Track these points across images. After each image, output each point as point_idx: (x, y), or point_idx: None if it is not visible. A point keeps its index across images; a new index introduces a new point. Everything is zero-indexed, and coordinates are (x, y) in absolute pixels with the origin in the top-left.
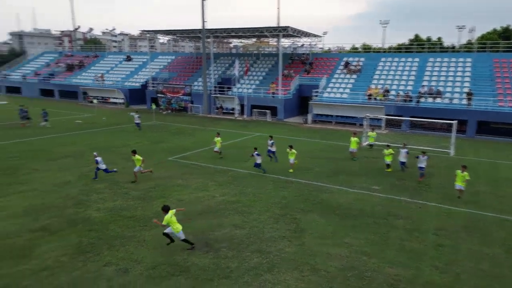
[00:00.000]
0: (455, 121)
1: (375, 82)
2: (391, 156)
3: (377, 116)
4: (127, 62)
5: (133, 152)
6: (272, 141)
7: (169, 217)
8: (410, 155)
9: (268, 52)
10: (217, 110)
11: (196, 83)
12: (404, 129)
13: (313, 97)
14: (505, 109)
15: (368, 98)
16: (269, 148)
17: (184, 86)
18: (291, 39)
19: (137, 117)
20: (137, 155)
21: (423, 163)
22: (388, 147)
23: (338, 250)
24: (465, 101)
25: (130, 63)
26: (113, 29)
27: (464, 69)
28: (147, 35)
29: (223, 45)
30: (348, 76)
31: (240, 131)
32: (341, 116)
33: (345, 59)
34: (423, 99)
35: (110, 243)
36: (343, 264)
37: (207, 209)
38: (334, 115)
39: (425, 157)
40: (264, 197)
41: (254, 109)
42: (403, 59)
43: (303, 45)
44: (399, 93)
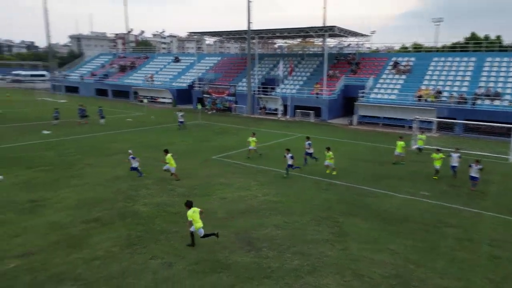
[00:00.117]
0: None
1: (426, 82)
2: (440, 161)
3: (427, 119)
4: (175, 63)
5: (165, 151)
6: (309, 142)
7: (190, 213)
8: (463, 160)
9: (313, 52)
10: (260, 111)
11: (240, 83)
12: (457, 133)
13: (359, 98)
14: None
15: (418, 99)
16: (306, 150)
17: (229, 87)
18: (337, 38)
19: (180, 116)
20: (169, 154)
21: (476, 173)
22: (438, 151)
23: (382, 256)
24: None
25: (178, 64)
26: (163, 31)
27: None
28: (194, 36)
29: (268, 45)
30: (397, 77)
31: (282, 131)
32: (389, 118)
33: (394, 58)
34: (479, 101)
35: (156, 237)
36: (387, 271)
37: (249, 208)
38: (381, 117)
39: (478, 166)
40: (306, 198)
41: (297, 110)
42: (457, 59)
43: (349, 44)
44: (453, 94)
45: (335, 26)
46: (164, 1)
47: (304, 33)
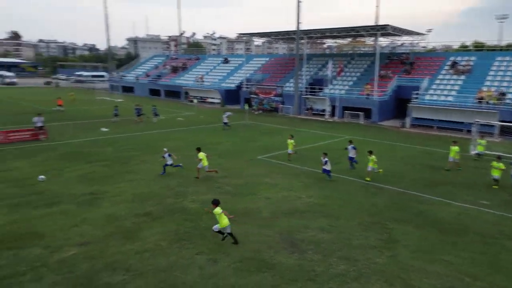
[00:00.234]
0: None
1: (488, 83)
2: (499, 171)
3: (489, 122)
4: (224, 64)
5: (197, 149)
6: (352, 146)
7: (218, 211)
8: None
9: (364, 52)
10: (307, 111)
11: (287, 84)
12: None
13: (413, 99)
14: None
15: (478, 101)
16: (349, 155)
17: (276, 87)
18: (390, 38)
19: (225, 117)
20: (201, 152)
21: None
22: (499, 159)
23: (436, 267)
24: None
25: (227, 65)
26: (213, 33)
27: None
28: (244, 38)
29: (317, 45)
30: (455, 77)
31: (329, 133)
32: (445, 121)
33: (452, 58)
34: None
35: (203, 233)
36: (441, 283)
37: (293, 209)
38: (436, 120)
39: None
40: (353, 202)
41: (346, 111)
42: None
43: (403, 44)
44: None
45: (388, 25)
46: (215, 4)
47: (355, 32)
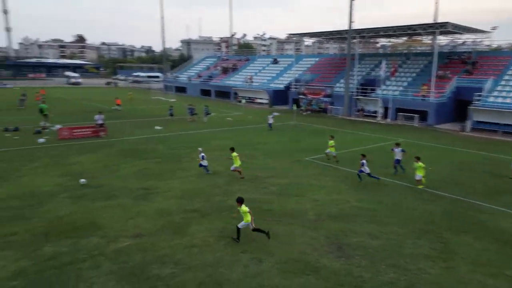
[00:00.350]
0: None
1: None
2: None
3: None
4: (273, 65)
5: (231, 149)
6: (400, 149)
7: (244, 208)
8: None
9: (420, 51)
10: (357, 113)
11: (338, 84)
12: None
13: (475, 102)
14: None
15: None
16: (396, 158)
17: (325, 88)
18: (450, 36)
19: (270, 118)
20: (234, 152)
21: None
22: None
23: (496, 281)
24: None
25: (277, 66)
26: (263, 33)
27: None
28: (294, 38)
29: (369, 45)
30: None
31: (381, 135)
32: (511, 125)
33: None
34: None
35: (248, 232)
36: None
37: (340, 212)
38: (502, 124)
39: None
40: (405, 208)
41: (399, 113)
42: None
43: (464, 42)
44: None
45: (448, 23)
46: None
47: (411, 31)
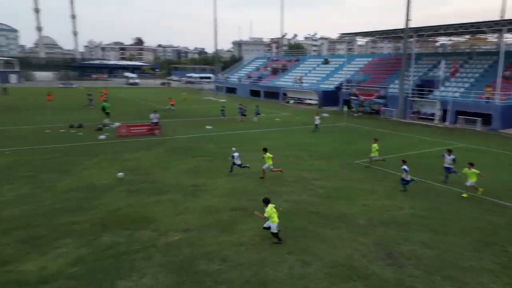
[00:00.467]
0: None
1: None
2: None
3: None
4: (324, 65)
5: (264, 150)
6: (452, 157)
7: (269, 210)
8: None
9: (484, 50)
10: (412, 115)
11: (392, 85)
12: None
13: None
14: None
15: None
16: (445, 165)
17: (379, 89)
18: None
19: (317, 118)
20: (267, 153)
21: None
22: None
23: None
24: None
25: (327, 66)
26: (314, 34)
27: None
28: (346, 38)
29: (427, 44)
30: None
31: (439, 139)
32: None
33: None
34: None
35: (293, 233)
36: None
37: (392, 219)
38: None
39: None
40: (464, 218)
41: (459, 116)
42: None
43: None
44: None
45: None
46: (318, 4)
47: (474, 28)
